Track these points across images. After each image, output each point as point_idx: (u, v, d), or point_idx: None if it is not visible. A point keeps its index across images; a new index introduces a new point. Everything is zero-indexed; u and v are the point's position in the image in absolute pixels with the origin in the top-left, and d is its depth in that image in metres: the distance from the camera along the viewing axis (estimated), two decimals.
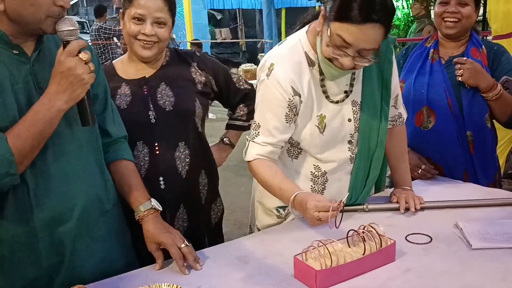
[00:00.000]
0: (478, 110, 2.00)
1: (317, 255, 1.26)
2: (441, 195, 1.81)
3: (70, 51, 1.16)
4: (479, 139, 2.02)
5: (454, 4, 1.99)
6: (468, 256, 1.37)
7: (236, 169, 5.18)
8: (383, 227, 1.37)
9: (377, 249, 1.31)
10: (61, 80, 1.15)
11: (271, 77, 1.51)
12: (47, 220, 1.25)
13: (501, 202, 1.72)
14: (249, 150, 1.55)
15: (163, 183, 1.67)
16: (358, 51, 1.37)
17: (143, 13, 1.59)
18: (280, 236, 1.53)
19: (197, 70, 1.76)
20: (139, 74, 1.69)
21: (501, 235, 1.44)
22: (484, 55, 2.04)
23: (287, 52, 1.54)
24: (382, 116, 1.64)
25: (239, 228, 3.88)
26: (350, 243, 1.36)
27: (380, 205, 1.72)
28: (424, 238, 1.47)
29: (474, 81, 1.94)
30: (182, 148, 1.70)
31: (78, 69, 1.15)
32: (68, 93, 1.16)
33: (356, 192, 1.67)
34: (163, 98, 1.68)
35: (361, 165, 1.65)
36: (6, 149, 1.11)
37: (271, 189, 1.51)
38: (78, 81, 1.16)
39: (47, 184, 1.24)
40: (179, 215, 1.72)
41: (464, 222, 1.53)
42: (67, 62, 1.15)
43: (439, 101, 2.03)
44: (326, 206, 1.28)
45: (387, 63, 1.62)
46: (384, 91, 1.64)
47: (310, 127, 1.56)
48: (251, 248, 1.46)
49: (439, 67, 2.05)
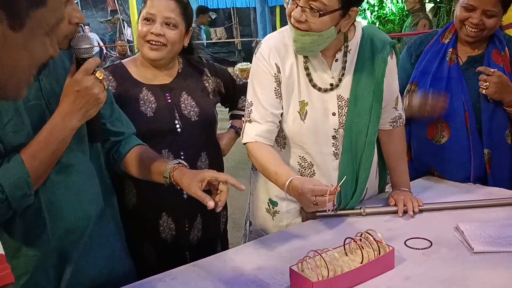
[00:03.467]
0: (499, 126, 1.86)
1: (314, 266, 1.21)
2: (441, 196, 1.77)
3: (87, 69, 1.13)
4: (497, 157, 1.88)
5: (479, 14, 1.78)
6: (470, 261, 1.32)
7: (234, 170, 5.14)
8: (382, 232, 1.33)
9: (375, 256, 1.27)
10: (76, 99, 1.13)
11: (258, 53, 1.58)
12: (61, 233, 1.22)
13: (504, 202, 1.67)
14: (246, 131, 1.57)
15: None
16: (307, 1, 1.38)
17: (153, 12, 1.58)
18: (275, 244, 1.49)
19: (209, 78, 1.78)
20: (158, 80, 1.67)
21: (504, 238, 1.40)
22: (507, 59, 1.87)
23: (277, 34, 1.62)
24: (373, 116, 1.61)
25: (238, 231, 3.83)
26: (347, 251, 1.31)
27: (377, 208, 1.67)
28: (424, 243, 1.43)
29: (499, 95, 1.79)
30: (204, 158, 1.71)
31: (95, 89, 1.14)
32: (83, 112, 1.14)
33: (346, 194, 1.63)
34: (187, 108, 1.67)
35: (348, 163, 1.62)
36: (24, 171, 1.09)
37: (267, 173, 1.51)
38: (94, 100, 1.15)
39: (58, 196, 1.21)
40: (196, 225, 1.71)
41: (465, 225, 1.49)
42: (84, 81, 1.12)
43: (456, 116, 1.87)
44: (323, 190, 1.28)
45: (381, 62, 1.59)
46: (376, 91, 1.60)
47: (292, 112, 1.57)
48: (246, 258, 1.41)
49: (458, 73, 1.88)
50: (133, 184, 1.64)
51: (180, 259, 1.43)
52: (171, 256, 1.63)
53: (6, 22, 0.68)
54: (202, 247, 1.71)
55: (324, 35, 1.44)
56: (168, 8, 1.59)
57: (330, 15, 1.39)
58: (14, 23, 0.69)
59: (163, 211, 1.65)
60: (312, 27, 1.41)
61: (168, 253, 1.66)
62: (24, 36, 0.71)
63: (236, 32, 16.32)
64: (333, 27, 1.43)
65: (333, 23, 1.42)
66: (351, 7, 1.42)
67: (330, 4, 1.37)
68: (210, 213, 1.73)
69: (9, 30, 0.69)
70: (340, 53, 1.58)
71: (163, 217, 1.65)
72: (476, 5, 1.77)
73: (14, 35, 0.70)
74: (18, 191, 1.09)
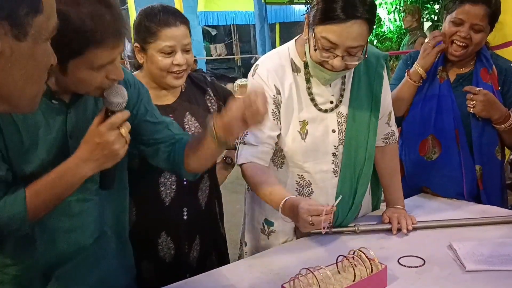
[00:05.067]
0: (488, 142, 1.89)
1: (306, 284, 1.21)
2: (435, 213, 1.77)
3: (113, 124, 1.10)
4: (488, 173, 1.90)
5: (467, 28, 1.82)
6: (462, 280, 1.32)
7: (231, 186, 5.10)
8: (375, 250, 1.33)
9: (368, 275, 1.27)
10: (95, 150, 1.09)
11: (255, 75, 1.58)
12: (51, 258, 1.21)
13: (497, 220, 1.68)
14: (240, 152, 1.56)
15: (186, 214, 1.65)
16: (346, 50, 1.39)
17: (172, 44, 1.56)
18: (269, 261, 1.48)
19: (211, 97, 1.77)
20: (161, 101, 1.65)
21: (496, 257, 1.40)
22: (495, 77, 1.90)
23: (272, 55, 1.62)
24: (371, 131, 1.62)
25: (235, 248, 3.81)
26: (340, 269, 1.31)
27: (371, 226, 1.67)
28: (417, 261, 1.43)
29: (487, 113, 1.82)
30: (205, 180, 1.70)
31: (116, 145, 1.10)
32: (98, 164, 1.11)
33: (343, 210, 1.63)
34: (191, 129, 1.66)
35: (346, 180, 1.62)
36: (23, 208, 1.07)
37: (261, 194, 1.50)
38: (113, 155, 1.11)
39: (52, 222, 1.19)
40: (194, 246, 1.70)
41: (458, 243, 1.49)
42: (107, 136, 1.09)
43: (446, 132, 1.90)
44: (319, 210, 1.28)
45: (377, 77, 1.62)
46: (374, 105, 1.62)
47: (292, 132, 1.57)
48: (239, 276, 1.41)
49: (448, 91, 1.92)
50: (133, 202, 1.62)
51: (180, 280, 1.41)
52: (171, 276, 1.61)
53: (11, 34, 0.71)
54: (202, 267, 1.68)
55: None
56: (184, 36, 1.58)
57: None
58: (18, 33, 0.72)
59: (162, 230, 1.64)
60: (349, 67, 1.45)
61: (167, 273, 1.64)
62: (29, 45, 0.75)
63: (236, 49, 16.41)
64: None
65: None
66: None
67: (364, 42, 1.41)
68: (210, 234, 1.76)
69: (15, 41, 0.72)
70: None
71: (162, 236, 1.64)
72: (465, 19, 1.82)
73: (21, 45, 0.73)
74: (12, 225, 1.08)
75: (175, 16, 1.58)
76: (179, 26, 1.57)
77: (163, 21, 1.55)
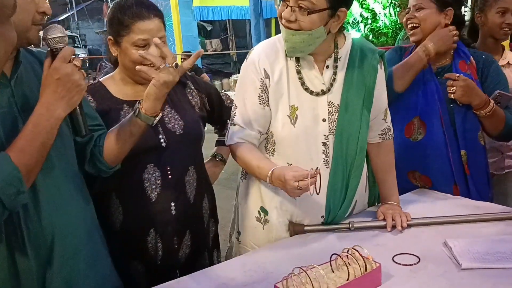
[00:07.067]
0: (471, 127, 1.96)
1: (299, 283, 1.19)
2: (430, 210, 1.76)
3: (65, 57, 1.12)
4: (473, 158, 1.96)
5: (413, 10, 1.98)
6: (457, 277, 1.31)
7: (226, 182, 5.10)
8: (370, 247, 1.32)
9: (362, 273, 1.25)
10: (57, 88, 1.10)
11: (248, 60, 1.63)
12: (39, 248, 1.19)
13: (493, 217, 1.66)
14: (230, 134, 1.62)
15: (174, 209, 1.62)
16: (296, 1, 1.43)
17: (146, 37, 1.53)
18: (262, 260, 1.47)
19: (192, 90, 1.75)
20: (139, 96, 1.59)
21: (491, 254, 1.38)
22: (473, 67, 1.99)
23: (267, 40, 1.67)
24: (363, 123, 1.62)
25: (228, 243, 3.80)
26: (333, 267, 1.30)
27: (366, 223, 1.66)
28: (412, 259, 1.41)
29: (467, 98, 1.89)
30: (191, 172, 1.67)
31: (75, 75, 1.12)
32: (66, 100, 1.12)
33: (336, 203, 1.62)
34: (171, 122, 1.64)
35: (338, 171, 1.62)
36: (13, 167, 1.05)
37: (250, 169, 1.58)
38: (76, 87, 1.12)
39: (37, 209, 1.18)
40: (185, 241, 1.68)
41: (453, 240, 1.47)
42: (63, 68, 1.10)
43: (431, 114, 1.97)
44: (305, 175, 1.35)
45: (371, 70, 1.63)
46: (367, 97, 1.63)
47: (282, 117, 1.59)
48: (231, 274, 1.39)
49: (431, 76, 1.99)
50: (119, 202, 1.60)
51: (170, 278, 1.39)
52: (161, 275, 1.59)
53: None
54: (192, 264, 1.67)
55: (313, 34, 1.48)
56: (158, 29, 1.55)
57: (319, 14, 1.44)
58: None
59: (151, 227, 1.61)
60: (302, 25, 1.46)
61: (157, 271, 1.62)
62: None
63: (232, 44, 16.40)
64: (322, 27, 1.47)
65: (322, 23, 1.47)
66: (340, 7, 1.47)
67: (318, 3, 1.43)
68: (199, 229, 1.73)
69: None
70: (331, 59, 1.61)
71: (151, 234, 1.61)
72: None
73: None
74: (10, 188, 1.04)
75: (149, 9, 1.56)
76: (152, 19, 1.54)
77: (136, 13, 1.53)
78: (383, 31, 7.63)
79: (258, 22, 11.07)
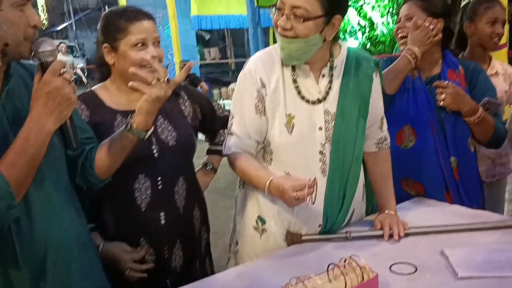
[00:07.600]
0: (461, 134, 1.97)
1: None
2: (427, 219, 1.75)
3: (55, 70, 1.12)
4: (463, 164, 1.98)
5: (404, 20, 2.01)
6: (454, 287, 1.31)
7: (225, 191, 5.09)
8: (367, 256, 1.32)
9: (359, 282, 1.25)
10: (48, 101, 1.10)
11: (244, 70, 1.63)
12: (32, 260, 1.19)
13: (489, 226, 1.66)
14: (227, 143, 1.63)
15: (163, 219, 1.62)
16: (291, 9, 1.45)
17: (143, 36, 1.56)
18: (258, 270, 1.47)
19: (185, 101, 1.76)
20: (132, 105, 1.57)
21: (488, 263, 1.38)
22: (462, 76, 2.01)
23: (264, 50, 1.68)
24: (359, 131, 1.64)
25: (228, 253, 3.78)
26: (330, 277, 1.29)
27: (363, 232, 1.66)
28: (409, 268, 1.41)
29: (456, 105, 1.91)
30: (181, 183, 1.67)
31: (65, 88, 1.12)
32: (56, 114, 1.12)
33: (333, 212, 1.62)
34: (164, 133, 1.64)
35: (335, 179, 1.62)
36: (3, 181, 1.05)
37: (248, 178, 1.58)
38: (66, 100, 1.12)
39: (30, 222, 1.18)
40: (176, 252, 1.68)
41: (450, 250, 1.47)
42: (54, 82, 1.10)
43: (422, 121, 1.99)
44: (303, 185, 1.36)
45: (366, 78, 1.64)
46: (362, 106, 1.64)
47: (279, 126, 1.59)
48: (227, 286, 1.39)
49: (421, 85, 2.02)
50: (111, 211, 1.61)
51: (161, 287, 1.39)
52: (153, 284, 1.59)
53: None
54: (183, 273, 1.67)
55: (309, 41, 1.49)
56: (154, 29, 1.59)
57: (314, 21, 1.46)
58: None
59: (141, 237, 1.61)
60: (298, 33, 1.47)
61: (149, 281, 1.61)
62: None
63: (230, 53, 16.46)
64: (318, 34, 1.49)
65: (318, 30, 1.48)
66: (335, 15, 1.49)
67: (313, 11, 1.45)
68: (190, 238, 1.73)
69: None
70: (326, 68, 1.62)
71: (142, 243, 1.61)
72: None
73: None
74: (1, 203, 1.05)
75: (143, 12, 1.60)
76: (147, 20, 1.59)
77: (132, 16, 1.57)
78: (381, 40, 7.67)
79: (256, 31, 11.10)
